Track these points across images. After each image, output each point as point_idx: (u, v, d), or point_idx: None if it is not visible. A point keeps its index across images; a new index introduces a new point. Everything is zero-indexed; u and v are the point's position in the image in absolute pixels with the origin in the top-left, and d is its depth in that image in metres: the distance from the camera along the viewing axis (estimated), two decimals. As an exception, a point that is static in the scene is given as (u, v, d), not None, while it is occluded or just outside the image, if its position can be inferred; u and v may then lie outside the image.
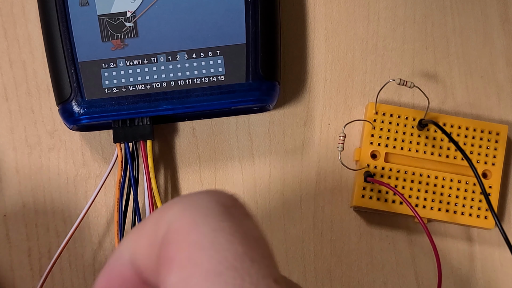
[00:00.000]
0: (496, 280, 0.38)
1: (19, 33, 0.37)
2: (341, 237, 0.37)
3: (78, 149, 0.37)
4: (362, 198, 0.36)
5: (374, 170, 0.36)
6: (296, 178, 0.37)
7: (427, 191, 0.36)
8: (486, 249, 0.38)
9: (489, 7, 0.39)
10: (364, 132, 0.37)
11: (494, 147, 0.37)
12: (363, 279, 0.37)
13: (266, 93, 0.35)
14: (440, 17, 0.39)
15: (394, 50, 0.38)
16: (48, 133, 0.37)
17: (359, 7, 0.38)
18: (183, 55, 0.34)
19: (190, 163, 0.37)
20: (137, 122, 0.35)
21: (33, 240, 0.36)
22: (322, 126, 0.38)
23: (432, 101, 0.38)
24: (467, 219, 0.36)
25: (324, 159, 0.38)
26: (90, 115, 0.34)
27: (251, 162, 0.37)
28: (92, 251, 0.36)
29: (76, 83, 0.34)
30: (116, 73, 0.34)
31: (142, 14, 0.34)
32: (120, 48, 0.34)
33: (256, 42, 0.34)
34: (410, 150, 0.36)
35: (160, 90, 0.34)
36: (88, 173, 0.37)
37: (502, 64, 0.39)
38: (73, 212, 0.36)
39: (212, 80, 0.34)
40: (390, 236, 0.37)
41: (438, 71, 0.38)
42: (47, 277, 0.34)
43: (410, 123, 0.37)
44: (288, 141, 0.38)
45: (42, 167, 0.37)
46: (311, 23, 0.38)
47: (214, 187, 0.37)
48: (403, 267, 0.37)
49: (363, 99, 0.38)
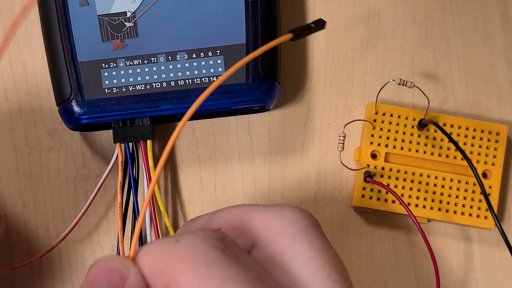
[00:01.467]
0: (496, 280, 0.38)
1: (19, 33, 0.37)
2: (341, 237, 0.37)
3: (78, 149, 0.37)
4: (362, 198, 0.36)
5: (374, 170, 0.36)
6: (296, 178, 0.37)
7: (427, 191, 0.36)
8: (486, 249, 0.38)
9: (489, 7, 0.39)
10: (364, 132, 0.37)
11: (494, 147, 0.37)
12: (363, 279, 0.37)
13: (266, 93, 0.35)
14: (440, 17, 0.39)
15: (394, 50, 0.38)
16: (48, 133, 0.37)
17: (359, 7, 0.38)
18: (183, 55, 0.34)
19: (190, 163, 0.37)
20: (137, 122, 0.35)
21: (33, 240, 0.36)
22: (322, 126, 0.38)
23: (432, 101, 0.38)
24: (467, 219, 0.36)
25: (324, 159, 0.38)
26: (90, 115, 0.34)
27: (251, 162, 0.37)
28: (92, 251, 0.36)
29: (76, 83, 0.34)
30: (116, 73, 0.34)
31: (142, 14, 0.34)
32: (120, 48, 0.34)
33: (256, 42, 0.34)
34: (410, 150, 0.36)
35: (160, 90, 0.34)
36: (88, 173, 0.37)
37: (502, 64, 0.39)
38: (73, 212, 0.36)
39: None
40: (390, 236, 0.37)
41: (438, 71, 0.38)
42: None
43: (410, 123, 0.37)
44: (288, 141, 0.38)
45: (42, 167, 0.37)
46: (311, 23, 0.38)
47: (214, 187, 0.37)
48: (403, 267, 0.37)
49: (363, 99, 0.38)
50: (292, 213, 0.24)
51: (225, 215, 0.25)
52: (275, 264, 0.23)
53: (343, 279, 0.23)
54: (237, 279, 0.20)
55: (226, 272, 0.20)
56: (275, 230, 0.24)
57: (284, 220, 0.24)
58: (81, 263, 0.36)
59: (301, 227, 0.24)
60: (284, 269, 0.23)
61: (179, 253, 0.21)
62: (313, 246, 0.23)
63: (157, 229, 0.35)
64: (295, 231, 0.24)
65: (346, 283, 0.23)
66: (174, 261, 0.21)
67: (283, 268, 0.23)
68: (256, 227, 0.24)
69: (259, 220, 0.24)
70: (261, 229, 0.24)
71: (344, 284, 0.23)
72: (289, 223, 0.24)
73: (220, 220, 0.25)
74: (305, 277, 0.23)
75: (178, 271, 0.21)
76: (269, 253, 0.23)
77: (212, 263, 0.21)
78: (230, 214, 0.25)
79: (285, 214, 0.24)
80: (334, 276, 0.23)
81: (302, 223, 0.24)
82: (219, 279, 0.20)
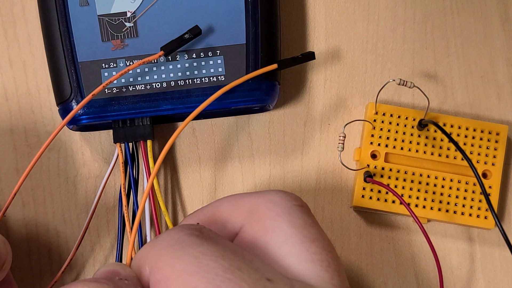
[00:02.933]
0: (496, 280, 0.38)
1: (19, 33, 0.37)
2: (341, 237, 0.37)
3: (78, 149, 0.37)
4: (362, 198, 0.36)
5: (374, 170, 0.36)
6: (296, 178, 0.37)
7: (427, 191, 0.36)
8: (486, 249, 0.38)
9: (489, 7, 0.39)
10: (364, 132, 0.37)
11: (494, 147, 0.37)
12: (363, 279, 0.37)
13: (266, 93, 0.35)
14: (440, 17, 0.39)
15: (394, 50, 0.38)
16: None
17: (359, 7, 0.38)
18: (183, 55, 0.34)
19: (190, 163, 0.37)
20: (137, 122, 0.35)
21: (33, 240, 0.36)
22: (322, 126, 0.38)
23: (432, 101, 0.38)
24: (467, 219, 0.36)
25: (324, 159, 0.38)
26: (90, 115, 0.34)
27: (251, 162, 0.37)
28: (92, 251, 0.36)
29: (76, 83, 0.34)
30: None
31: (142, 14, 0.34)
32: (120, 48, 0.34)
33: (256, 42, 0.34)
34: (410, 150, 0.36)
35: (160, 90, 0.34)
36: (88, 173, 0.37)
37: (502, 64, 0.39)
38: (73, 212, 0.36)
39: (212, 80, 0.34)
40: (390, 236, 0.37)
41: (438, 71, 0.38)
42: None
43: (410, 123, 0.37)
44: (288, 141, 0.38)
45: (42, 167, 0.37)
46: (311, 23, 0.38)
47: (214, 187, 0.37)
48: (403, 267, 0.37)
49: (363, 99, 0.38)
50: (276, 196, 0.26)
51: (217, 204, 0.27)
52: (258, 244, 0.24)
53: (323, 251, 0.24)
54: (210, 253, 0.22)
55: (198, 249, 0.22)
56: (260, 212, 0.25)
57: (268, 202, 0.25)
58: (81, 263, 0.36)
59: (284, 208, 0.25)
60: (266, 247, 0.24)
61: (156, 245, 0.23)
62: (293, 224, 0.24)
63: (158, 229, 0.35)
64: (278, 212, 0.25)
65: (328, 254, 0.24)
66: (152, 253, 0.23)
67: (266, 247, 0.24)
68: (243, 211, 0.26)
69: (247, 205, 0.26)
70: (247, 212, 0.25)
71: (325, 255, 0.24)
72: (273, 205, 0.25)
73: (213, 209, 0.27)
74: (284, 252, 0.24)
75: (156, 259, 0.22)
76: (253, 233, 0.25)
77: (185, 244, 0.22)
78: (222, 202, 0.27)
79: (270, 197, 0.26)
80: (314, 248, 0.24)
81: (286, 204, 0.25)
82: (191, 255, 0.21)
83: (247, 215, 0.25)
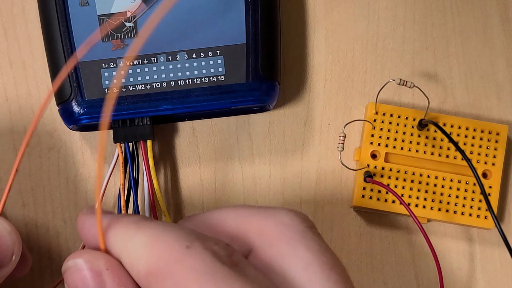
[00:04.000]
0: (496, 280, 0.38)
1: (19, 33, 0.37)
2: (341, 237, 0.37)
3: (78, 149, 0.37)
4: (362, 198, 0.36)
5: (374, 170, 0.36)
6: (296, 178, 0.37)
7: (427, 191, 0.36)
8: (486, 249, 0.38)
9: (489, 7, 0.39)
10: (364, 132, 0.37)
11: (494, 147, 0.37)
12: (363, 279, 0.37)
13: (266, 93, 0.35)
14: (440, 17, 0.39)
15: (394, 50, 0.38)
16: (48, 133, 0.37)
17: (359, 7, 0.38)
18: (183, 55, 0.34)
19: (190, 163, 0.37)
20: (137, 122, 0.35)
21: (33, 240, 0.36)
22: (322, 126, 0.38)
23: (432, 101, 0.38)
24: (467, 219, 0.36)
25: (324, 159, 0.38)
26: (90, 115, 0.34)
27: (251, 162, 0.37)
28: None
29: (76, 83, 0.34)
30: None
31: (142, 14, 0.34)
32: (120, 48, 0.34)
33: (256, 42, 0.34)
34: (410, 150, 0.36)
35: (160, 90, 0.34)
36: (88, 173, 0.37)
37: (502, 64, 0.39)
38: (73, 212, 0.36)
39: (212, 80, 0.34)
40: (390, 236, 0.37)
41: (438, 71, 0.38)
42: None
43: (410, 123, 0.37)
44: (288, 141, 0.38)
45: (42, 167, 0.37)
46: (311, 23, 0.38)
47: (214, 187, 0.37)
48: (403, 267, 0.37)
49: (363, 99, 0.38)
50: (287, 217, 0.25)
51: (220, 218, 0.26)
52: (274, 270, 0.24)
53: (342, 279, 0.23)
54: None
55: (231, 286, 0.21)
56: (271, 235, 0.24)
57: (280, 225, 0.24)
58: (81, 263, 0.36)
59: (297, 231, 0.24)
60: (284, 274, 0.23)
61: (187, 262, 0.21)
62: (310, 249, 0.24)
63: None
64: (292, 236, 0.24)
65: (346, 282, 0.23)
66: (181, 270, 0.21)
67: (283, 273, 0.23)
68: (252, 232, 0.25)
69: (256, 225, 0.25)
70: (257, 234, 0.25)
71: (344, 284, 0.23)
72: (285, 228, 0.24)
73: (216, 223, 0.25)
74: (305, 281, 0.23)
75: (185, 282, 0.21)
76: (267, 259, 0.24)
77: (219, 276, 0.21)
78: (226, 216, 0.25)
79: (280, 219, 0.25)
80: (334, 277, 0.23)
81: (298, 227, 0.24)
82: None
83: (257, 237, 0.24)
